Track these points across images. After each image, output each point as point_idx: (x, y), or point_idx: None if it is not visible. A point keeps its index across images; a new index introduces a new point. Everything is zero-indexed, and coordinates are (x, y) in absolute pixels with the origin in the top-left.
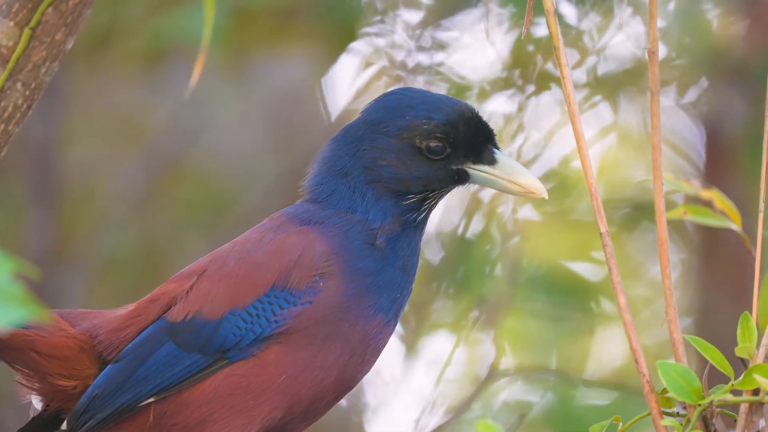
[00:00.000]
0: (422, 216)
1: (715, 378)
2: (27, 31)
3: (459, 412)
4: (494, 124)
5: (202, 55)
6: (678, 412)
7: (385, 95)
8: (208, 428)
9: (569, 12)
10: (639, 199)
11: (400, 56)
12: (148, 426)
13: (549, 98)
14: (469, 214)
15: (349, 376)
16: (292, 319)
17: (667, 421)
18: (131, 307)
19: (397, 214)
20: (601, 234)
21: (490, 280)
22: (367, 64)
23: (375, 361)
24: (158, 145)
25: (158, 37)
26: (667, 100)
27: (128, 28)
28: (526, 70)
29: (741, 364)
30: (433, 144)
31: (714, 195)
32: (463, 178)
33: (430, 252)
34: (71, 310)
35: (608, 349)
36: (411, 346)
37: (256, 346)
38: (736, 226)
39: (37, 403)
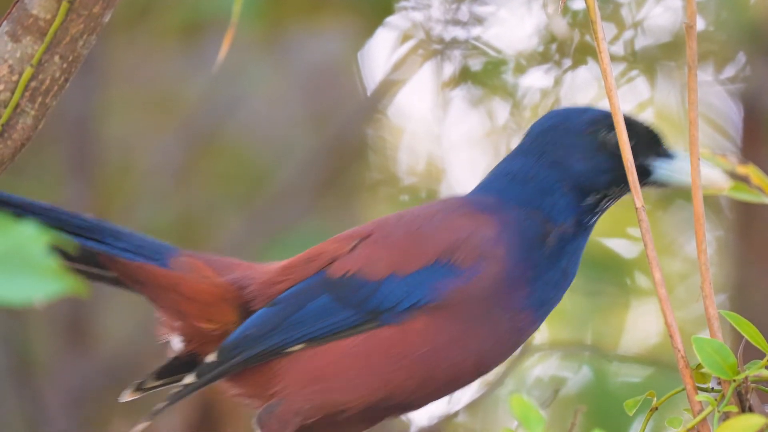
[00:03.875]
0: (595, 219)
1: (750, 353)
2: (65, 4)
3: (493, 387)
4: (530, 99)
5: (231, 30)
6: (713, 388)
7: (549, 112)
8: (341, 380)
9: None
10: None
11: (436, 30)
12: (286, 373)
13: (586, 73)
14: None
15: (487, 362)
16: (448, 293)
17: (702, 397)
18: (284, 263)
19: (577, 214)
20: (636, 209)
21: None
22: (404, 38)
23: (512, 354)
24: (195, 118)
25: (195, 10)
26: (705, 74)
27: (165, 2)
28: (563, 44)
29: None
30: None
31: (751, 170)
32: (644, 173)
33: None
34: (221, 257)
35: (643, 325)
36: None
37: (408, 314)
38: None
39: (175, 344)
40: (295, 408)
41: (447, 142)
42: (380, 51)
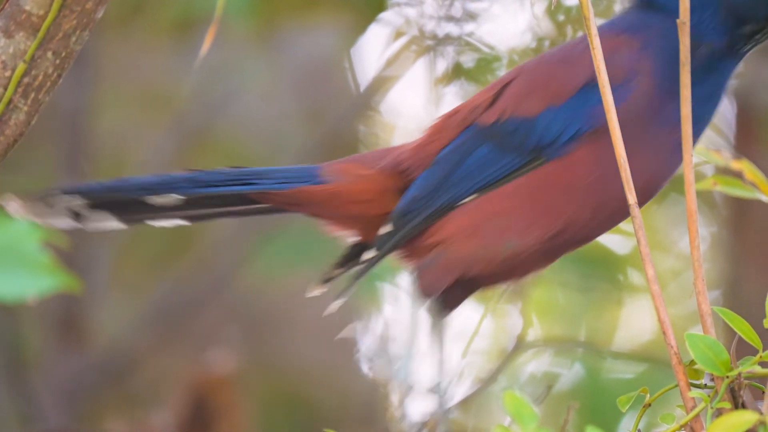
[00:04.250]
0: (749, 48)
1: (743, 350)
2: (58, 0)
3: (486, 383)
4: None
5: (214, 26)
6: (706, 384)
7: None
8: (510, 221)
9: None
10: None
11: (429, 26)
12: (457, 227)
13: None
14: None
15: (654, 182)
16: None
17: (695, 393)
18: (431, 127)
19: (729, 37)
20: (629, 205)
21: None
22: (397, 35)
23: (675, 172)
24: (187, 114)
25: (188, 6)
26: None
27: None
28: (557, 40)
29: None
30: None
31: (744, 166)
32: None
33: None
34: (364, 153)
35: (636, 322)
36: (437, 316)
37: (571, 145)
38: (766, 198)
39: (351, 240)
40: (459, 256)
41: None
42: (373, 47)
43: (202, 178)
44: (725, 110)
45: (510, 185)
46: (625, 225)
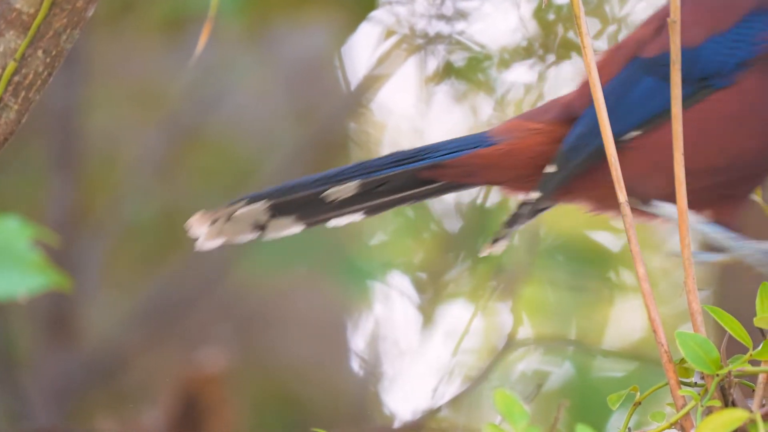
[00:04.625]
0: None
1: (733, 348)
2: None
3: (476, 381)
4: (514, 94)
5: (209, 25)
6: (696, 383)
7: None
8: (688, 149)
9: None
10: None
11: (420, 25)
12: (626, 163)
13: (570, 67)
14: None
15: None
16: None
17: (685, 391)
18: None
19: None
20: (620, 204)
21: (509, 249)
22: (388, 33)
23: None
24: (179, 113)
25: (179, 4)
26: None
27: None
28: (547, 39)
29: (760, 335)
30: None
31: None
32: None
33: (449, 222)
34: (533, 109)
35: (627, 320)
36: (428, 315)
37: (739, 73)
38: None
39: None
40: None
41: (430, 137)
42: (364, 46)
43: (373, 163)
44: None
45: (685, 115)
46: (615, 222)
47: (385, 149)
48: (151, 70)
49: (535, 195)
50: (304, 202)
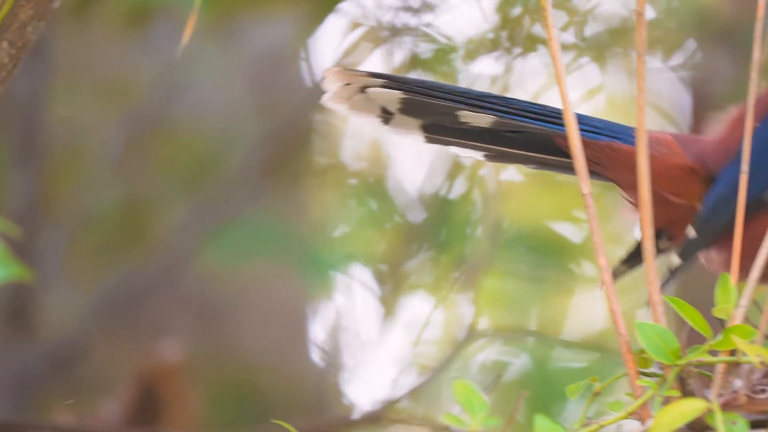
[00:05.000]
0: None
1: (693, 339)
2: None
3: (436, 372)
4: (480, 86)
5: (194, 16)
6: (655, 373)
7: None
8: None
9: None
10: None
11: (387, 17)
12: None
13: (536, 60)
14: (451, 176)
15: None
16: None
17: (644, 381)
18: (732, 118)
19: None
20: (583, 195)
21: (471, 241)
22: (355, 25)
23: None
24: (142, 105)
25: None
26: (654, 61)
27: None
28: (514, 31)
29: (719, 325)
30: None
31: None
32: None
33: (412, 213)
34: (683, 134)
35: (588, 311)
36: (389, 306)
37: None
38: None
39: (637, 233)
40: None
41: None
42: (330, 37)
43: (518, 104)
44: (681, 100)
45: None
46: (578, 213)
47: (350, 141)
48: (115, 62)
49: (676, 262)
50: (438, 111)
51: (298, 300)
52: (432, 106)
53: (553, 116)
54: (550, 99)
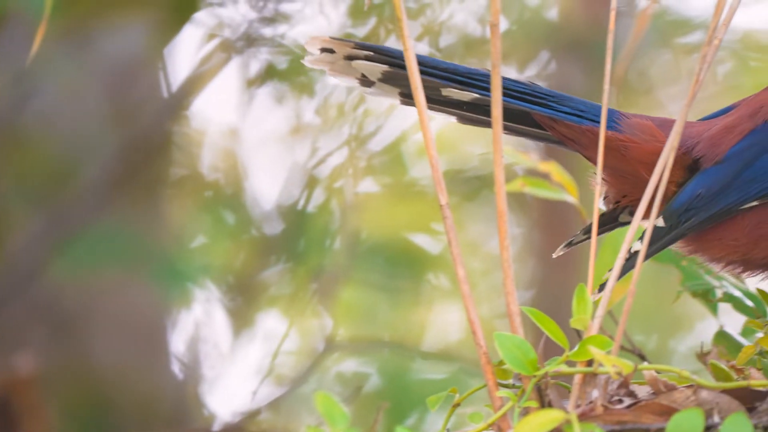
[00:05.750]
0: None
1: (552, 350)
2: None
3: (296, 384)
4: (336, 97)
5: (44, 23)
6: (514, 384)
7: None
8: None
9: None
10: (478, 173)
11: (243, 27)
12: (746, 231)
13: (359, 87)
14: (309, 187)
15: None
16: None
17: (503, 393)
18: (727, 120)
19: None
20: (441, 206)
21: (329, 252)
22: (211, 35)
23: None
24: None
25: None
26: (509, 72)
27: None
28: (370, 41)
29: (576, 336)
30: None
31: (552, 167)
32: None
33: (269, 224)
34: (666, 118)
35: (447, 322)
36: (248, 318)
37: None
38: (572, 199)
39: (603, 204)
40: None
41: (251, 139)
42: (186, 47)
43: (503, 83)
44: None
45: None
46: (437, 225)
47: (207, 151)
48: None
49: (638, 247)
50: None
51: (155, 311)
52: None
53: (535, 95)
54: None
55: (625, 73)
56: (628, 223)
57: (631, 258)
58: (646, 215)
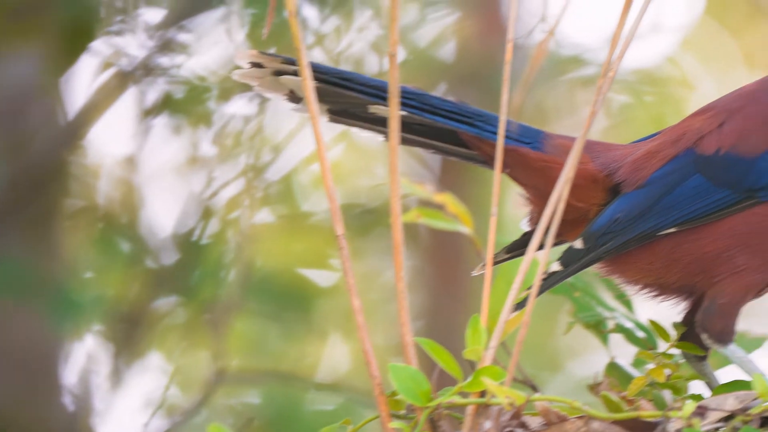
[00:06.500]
0: None
1: (446, 380)
2: None
3: (188, 416)
4: (233, 126)
5: None
6: (407, 415)
7: None
8: (721, 264)
9: (311, 14)
10: (374, 204)
11: (139, 57)
12: (661, 255)
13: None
14: (205, 218)
15: None
16: None
17: (396, 424)
18: (650, 146)
19: None
20: (337, 236)
21: (223, 283)
22: (107, 65)
23: None
24: None
25: None
26: None
27: None
28: None
29: (470, 367)
30: None
31: (447, 199)
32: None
33: (164, 255)
34: (594, 141)
35: (342, 352)
36: (140, 349)
37: None
38: (467, 230)
39: (525, 225)
40: (727, 301)
41: (148, 169)
42: (83, 76)
43: (430, 101)
44: None
45: (721, 224)
46: (332, 255)
47: (103, 181)
48: None
49: (555, 267)
50: (349, 101)
51: (46, 342)
52: (344, 96)
53: (463, 114)
54: (304, 138)
55: (522, 103)
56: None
57: (549, 278)
58: (562, 236)
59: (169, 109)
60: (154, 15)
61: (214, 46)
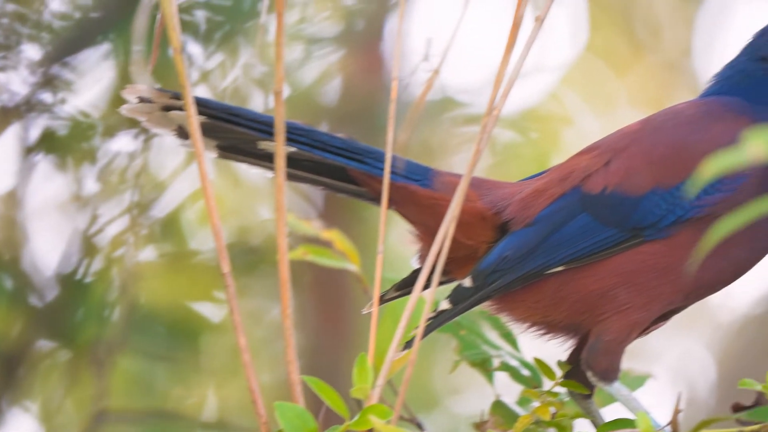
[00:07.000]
0: None
1: (333, 419)
2: None
3: None
4: (118, 163)
5: None
6: None
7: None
8: (606, 302)
9: (196, 51)
10: (259, 242)
11: (21, 93)
12: (548, 294)
13: (174, 138)
14: (89, 255)
15: (745, 268)
16: (714, 205)
17: None
18: (537, 184)
19: None
20: (223, 274)
21: (107, 321)
22: None
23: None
24: None
25: None
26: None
27: None
28: None
29: (357, 405)
30: None
31: (334, 235)
32: None
33: (47, 293)
34: (483, 179)
35: (228, 391)
36: (21, 389)
37: (673, 228)
38: (354, 267)
39: (415, 263)
40: (612, 338)
41: (31, 206)
42: None
43: (320, 137)
44: None
45: (607, 262)
46: (217, 293)
47: None
48: None
49: (444, 306)
50: (238, 137)
51: None
52: (233, 131)
53: (351, 151)
54: (191, 175)
55: (408, 141)
56: (442, 283)
57: (438, 316)
58: (452, 274)
59: (53, 145)
60: (36, 51)
61: (98, 82)
